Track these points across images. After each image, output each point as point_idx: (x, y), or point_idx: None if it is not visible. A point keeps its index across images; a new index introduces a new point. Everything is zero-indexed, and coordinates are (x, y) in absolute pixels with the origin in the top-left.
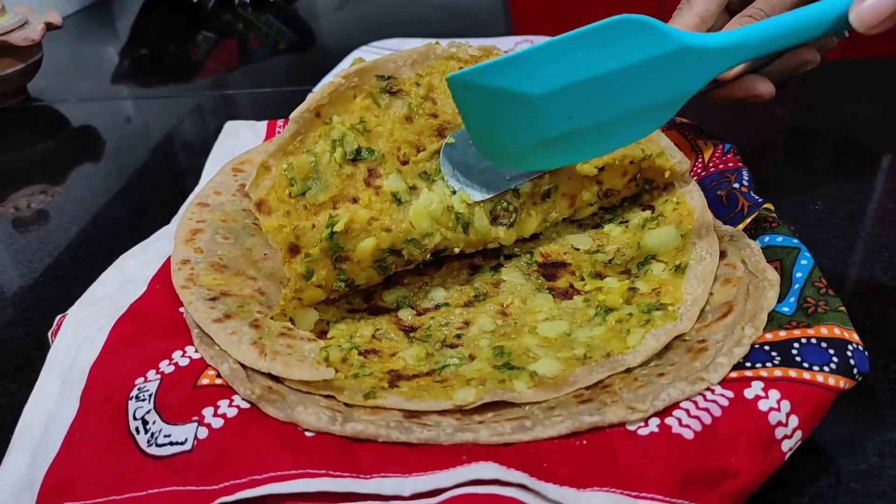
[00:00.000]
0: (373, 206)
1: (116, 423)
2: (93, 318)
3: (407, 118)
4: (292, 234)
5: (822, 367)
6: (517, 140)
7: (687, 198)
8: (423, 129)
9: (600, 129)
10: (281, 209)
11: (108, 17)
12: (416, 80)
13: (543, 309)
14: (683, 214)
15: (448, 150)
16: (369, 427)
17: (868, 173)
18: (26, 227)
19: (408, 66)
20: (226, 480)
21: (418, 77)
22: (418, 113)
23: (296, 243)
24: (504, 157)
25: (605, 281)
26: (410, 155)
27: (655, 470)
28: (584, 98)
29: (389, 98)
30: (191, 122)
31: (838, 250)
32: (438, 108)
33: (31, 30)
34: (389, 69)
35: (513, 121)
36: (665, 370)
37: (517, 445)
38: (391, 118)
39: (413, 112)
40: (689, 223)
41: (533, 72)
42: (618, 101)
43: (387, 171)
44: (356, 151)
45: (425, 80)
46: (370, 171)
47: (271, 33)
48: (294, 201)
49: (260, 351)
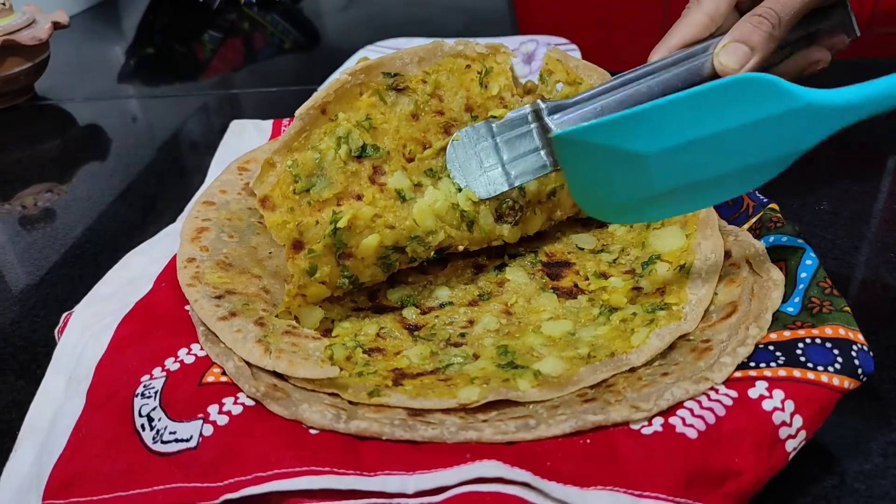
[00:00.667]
0: (377, 203)
1: (122, 419)
2: (99, 315)
3: (413, 115)
4: (296, 231)
5: (827, 368)
6: (622, 195)
7: None
8: (430, 126)
9: (709, 183)
10: (285, 205)
11: (115, 17)
12: (423, 78)
13: (548, 308)
14: (688, 216)
15: (454, 148)
16: (373, 425)
17: (874, 174)
18: (33, 225)
19: (415, 63)
20: (231, 477)
21: (425, 74)
22: (424, 110)
23: (299, 239)
24: (607, 211)
25: (610, 280)
26: (416, 152)
27: (659, 469)
28: (697, 154)
29: (396, 95)
30: (196, 122)
31: (843, 251)
32: (445, 106)
33: (39, 29)
34: (396, 66)
35: (620, 177)
36: (669, 370)
37: (521, 444)
38: (397, 115)
39: (419, 109)
40: (695, 224)
41: (646, 131)
42: (732, 157)
43: (392, 168)
44: (361, 148)
45: (432, 77)
46: (375, 169)
47: (277, 33)
48: (298, 198)
49: (265, 349)
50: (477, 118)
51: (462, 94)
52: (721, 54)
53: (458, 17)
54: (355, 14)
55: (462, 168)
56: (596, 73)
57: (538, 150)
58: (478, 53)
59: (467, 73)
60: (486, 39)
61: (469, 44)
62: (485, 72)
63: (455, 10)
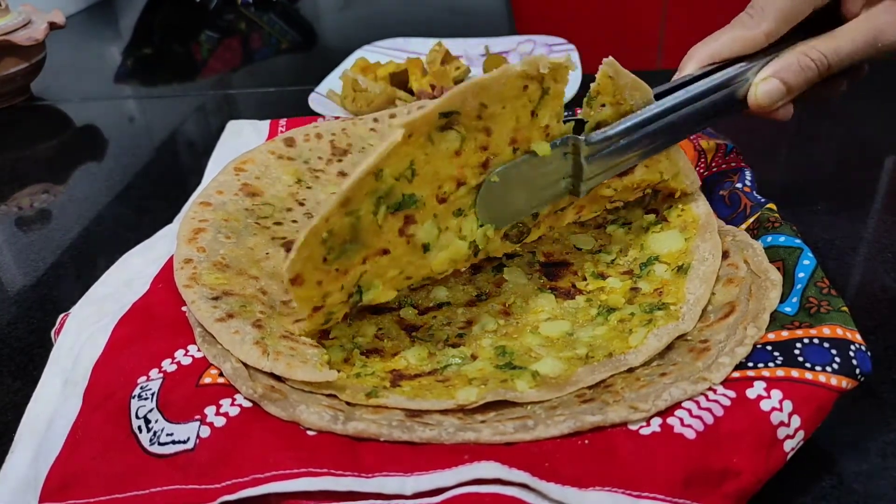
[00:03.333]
0: (400, 260)
1: (119, 421)
2: (95, 316)
3: (456, 152)
4: (320, 300)
5: (825, 368)
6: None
7: (692, 206)
8: (469, 161)
9: None
10: (313, 278)
11: (112, 17)
12: (478, 112)
13: (546, 308)
14: (688, 221)
15: (489, 189)
16: (371, 426)
17: (871, 174)
18: (29, 226)
19: (474, 94)
20: (228, 479)
21: (481, 108)
22: (469, 146)
23: (320, 305)
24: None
25: (608, 281)
26: (450, 192)
27: (657, 469)
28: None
29: (443, 133)
30: (193, 122)
31: (841, 250)
32: (491, 140)
33: (35, 29)
34: (456, 104)
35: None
36: (667, 370)
37: (519, 445)
38: (440, 154)
39: (464, 146)
40: (694, 229)
41: None
42: None
43: (423, 217)
44: (399, 203)
45: (488, 110)
46: (406, 218)
47: (274, 33)
48: (327, 266)
49: (263, 350)
50: (517, 151)
51: (511, 125)
52: (760, 90)
53: (455, 17)
54: (352, 14)
55: (488, 206)
56: (639, 92)
57: (563, 178)
58: (540, 73)
59: (521, 97)
60: (483, 40)
61: (536, 61)
62: (540, 96)
63: (453, 9)
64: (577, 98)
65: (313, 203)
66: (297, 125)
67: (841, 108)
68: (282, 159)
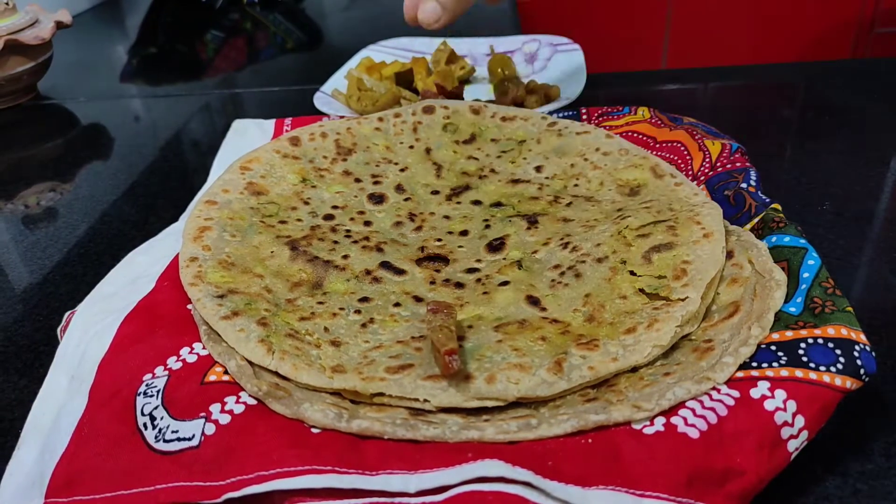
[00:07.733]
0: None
1: (124, 418)
2: (101, 314)
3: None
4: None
5: (829, 368)
6: None
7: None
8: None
9: None
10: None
11: (118, 16)
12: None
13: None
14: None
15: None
16: (375, 424)
17: (877, 174)
18: (36, 224)
19: None
20: (233, 476)
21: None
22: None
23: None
24: None
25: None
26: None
27: (661, 469)
28: None
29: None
30: (199, 121)
31: (846, 251)
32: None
33: (42, 28)
34: None
35: None
36: (671, 369)
37: (523, 443)
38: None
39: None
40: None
41: None
42: None
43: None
44: None
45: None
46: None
47: (279, 32)
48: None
49: (268, 348)
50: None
51: None
52: (420, 13)
53: (460, 17)
54: (358, 14)
55: None
56: None
57: None
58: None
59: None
60: (488, 39)
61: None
62: None
63: None
64: (578, 98)
65: (318, 202)
66: (303, 124)
67: (847, 108)
68: (287, 158)
